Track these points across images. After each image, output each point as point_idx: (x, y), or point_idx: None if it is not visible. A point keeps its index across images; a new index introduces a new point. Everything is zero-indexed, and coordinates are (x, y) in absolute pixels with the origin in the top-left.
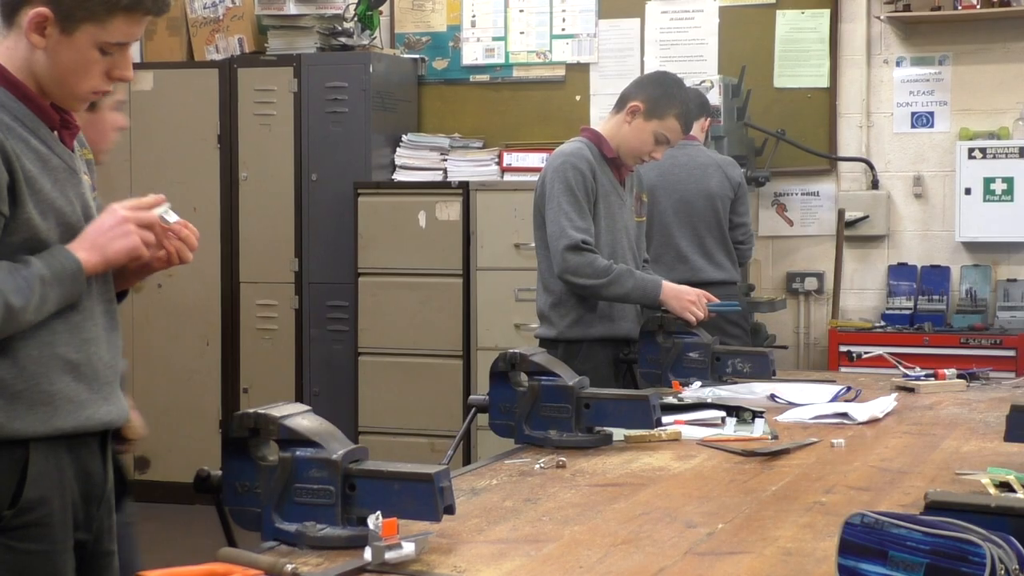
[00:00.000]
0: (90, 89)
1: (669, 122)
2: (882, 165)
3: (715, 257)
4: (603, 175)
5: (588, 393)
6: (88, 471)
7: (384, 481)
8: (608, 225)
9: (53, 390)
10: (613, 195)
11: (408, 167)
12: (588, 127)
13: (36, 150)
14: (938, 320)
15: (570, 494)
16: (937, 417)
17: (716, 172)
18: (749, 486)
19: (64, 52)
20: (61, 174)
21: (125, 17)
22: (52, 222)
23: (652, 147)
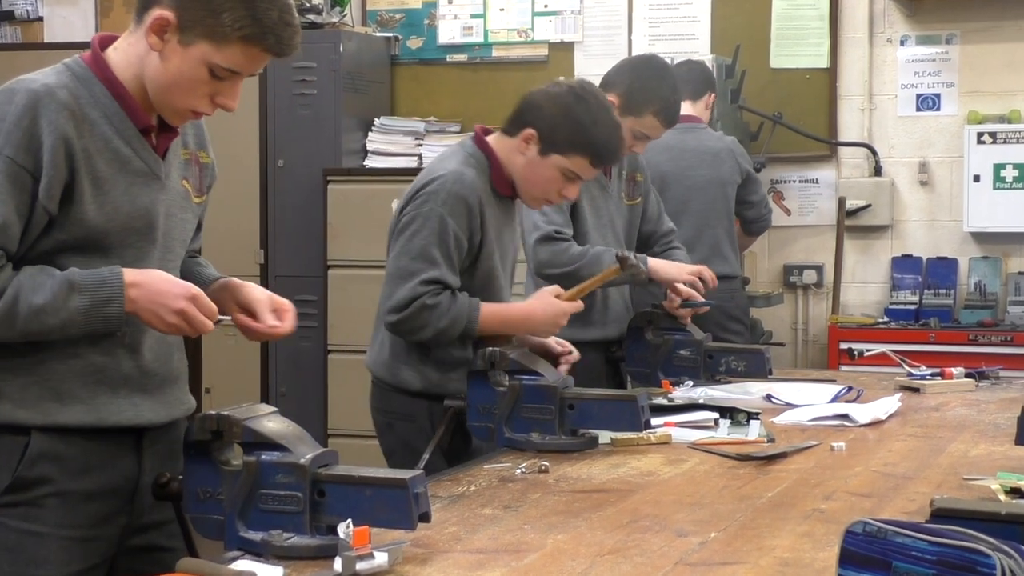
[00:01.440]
0: (189, 107)
1: (647, 120)
2: (885, 151)
3: (721, 249)
4: None
5: (572, 393)
6: (113, 466)
7: (355, 487)
8: (595, 222)
9: (63, 388)
10: (595, 187)
11: (381, 153)
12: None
13: (116, 150)
14: (945, 316)
15: (553, 501)
16: (944, 419)
17: (728, 158)
18: (744, 492)
19: (175, 61)
20: (140, 178)
21: (243, 47)
22: (118, 224)
23: (631, 143)
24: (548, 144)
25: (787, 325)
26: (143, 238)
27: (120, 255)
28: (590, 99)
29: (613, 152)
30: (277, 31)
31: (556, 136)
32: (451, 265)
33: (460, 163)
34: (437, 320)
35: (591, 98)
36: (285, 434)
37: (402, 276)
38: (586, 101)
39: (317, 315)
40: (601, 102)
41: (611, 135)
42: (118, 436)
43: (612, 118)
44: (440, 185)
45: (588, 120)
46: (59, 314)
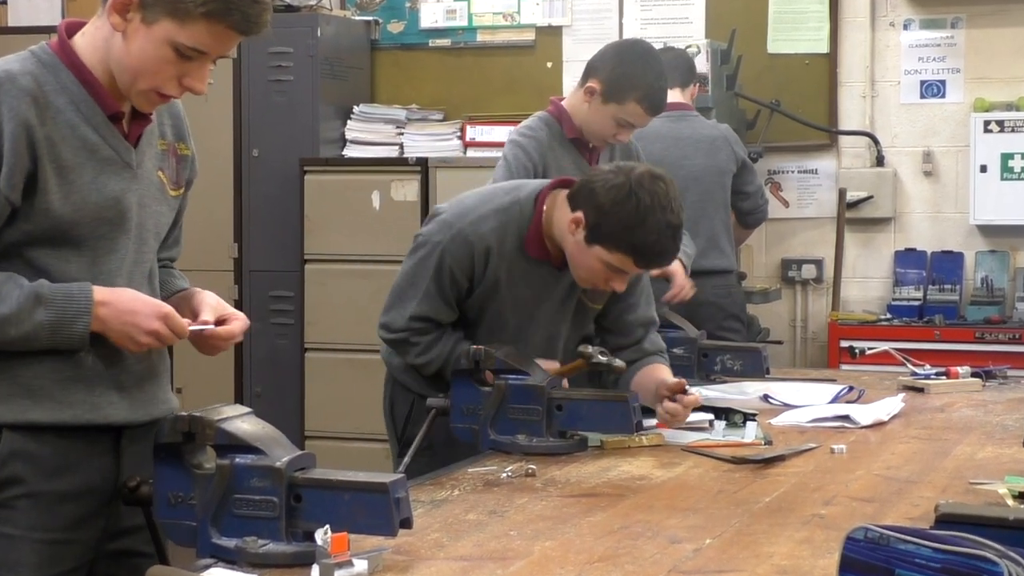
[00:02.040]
0: (155, 89)
1: (629, 107)
2: (888, 140)
3: (718, 241)
4: (563, 156)
5: (561, 394)
6: (90, 467)
7: (333, 491)
8: None
9: (35, 385)
10: (577, 175)
11: (360, 142)
12: (557, 99)
13: (84, 138)
14: (950, 312)
15: (541, 506)
16: (949, 420)
17: (724, 146)
18: (740, 497)
19: (138, 41)
20: (109, 166)
21: (207, 25)
22: (87, 214)
23: (615, 131)
24: (594, 234)
25: (785, 322)
26: (115, 228)
27: (92, 247)
28: (644, 195)
29: (660, 255)
30: (243, 7)
31: (601, 229)
32: (445, 300)
33: (493, 209)
34: (416, 356)
35: (646, 195)
36: (260, 436)
37: (400, 298)
38: (638, 197)
39: (294, 311)
40: (659, 199)
41: (660, 237)
42: (94, 435)
43: (665, 218)
44: (455, 219)
45: (636, 219)
46: (22, 326)
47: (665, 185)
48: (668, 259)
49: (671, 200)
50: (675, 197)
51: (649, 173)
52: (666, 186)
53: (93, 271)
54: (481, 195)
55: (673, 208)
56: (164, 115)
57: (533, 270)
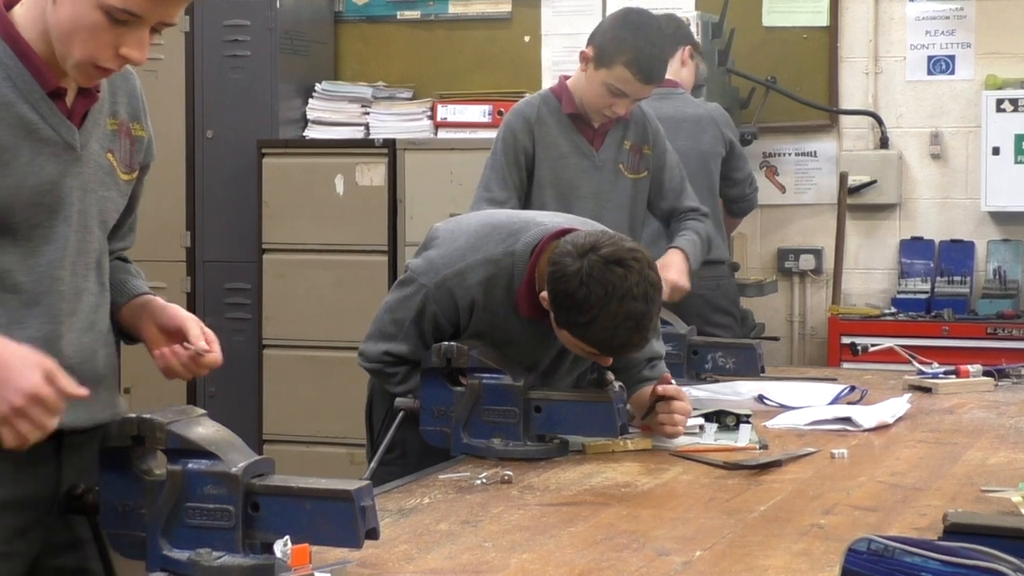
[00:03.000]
0: (90, 59)
1: (617, 71)
2: (892, 120)
3: None
4: (559, 134)
5: (539, 394)
6: (28, 474)
7: (294, 499)
8: (558, 193)
9: None
10: (573, 156)
11: (323, 122)
12: (565, 76)
13: (21, 116)
14: (960, 306)
15: (518, 515)
16: (959, 423)
17: (710, 127)
18: (733, 505)
19: (68, 6)
20: (48, 147)
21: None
22: (22, 199)
23: (608, 100)
24: (558, 320)
25: (782, 317)
26: (52, 216)
27: (28, 235)
28: (595, 287)
29: (621, 348)
30: None
31: (561, 317)
32: (424, 343)
33: (483, 259)
34: (396, 385)
35: (597, 286)
36: (215, 440)
37: (381, 331)
38: (589, 289)
39: (251, 305)
40: (614, 290)
41: (616, 331)
42: None
43: (622, 310)
44: (443, 263)
45: (587, 315)
46: None
47: (623, 270)
48: (636, 348)
49: (631, 287)
50: (637, 282)
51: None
52: (625, 270)
53: (31, 262)
54: (476, 234)
55: (634, 294)
56: (119, 92)
57: (525, 327)
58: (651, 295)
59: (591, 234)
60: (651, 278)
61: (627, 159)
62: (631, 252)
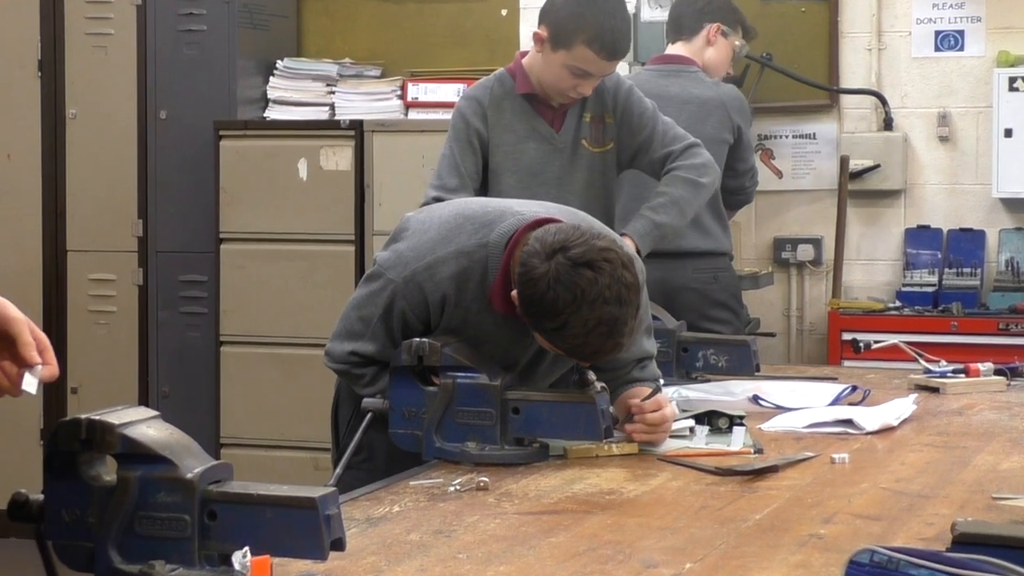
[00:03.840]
0: None
1: (578, 51)
2: (897, 100)
3: (700, 220)
4: (515, 117)
5: (517, 395)
6: None
7: (253, 507)
8: (518, 180)
9: None
10: (531, 140)
11: (285, 102)
12: (522, 53)
13: None
14: (970, 300)
15: (494, 524)
16: (968, 425)
17: (717, 111)
18: (726, 514)
19: None
20: None
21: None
22: None
23: (571, 82)
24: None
25: (778, 311)
26: None
27: None
28: (562, 292)
29: (594, 355)
30: None
31: (530, 321)
32: (393, 342)
33: (455, 251)
34: (364, 387)
35: (564, 291)
36: (168, 443)
37: (347, 330)
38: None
39: (207, 299)
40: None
41: (588, 338)
42: None
43: (593, 315)
44: (412, 256)
45: (555, 322)
46: None
47: (593, 272)
48: (610, 354)
49: (602, 291)
50: (609, 285)
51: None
52: (595, 273)
53: None
54: (448, 225)
55: (606, 298)
56: None
57: (500, 324)
58: (625, 297)
59: (561, 230)
60: (625, 279)
61: (589, 133)
62: (603, 252)
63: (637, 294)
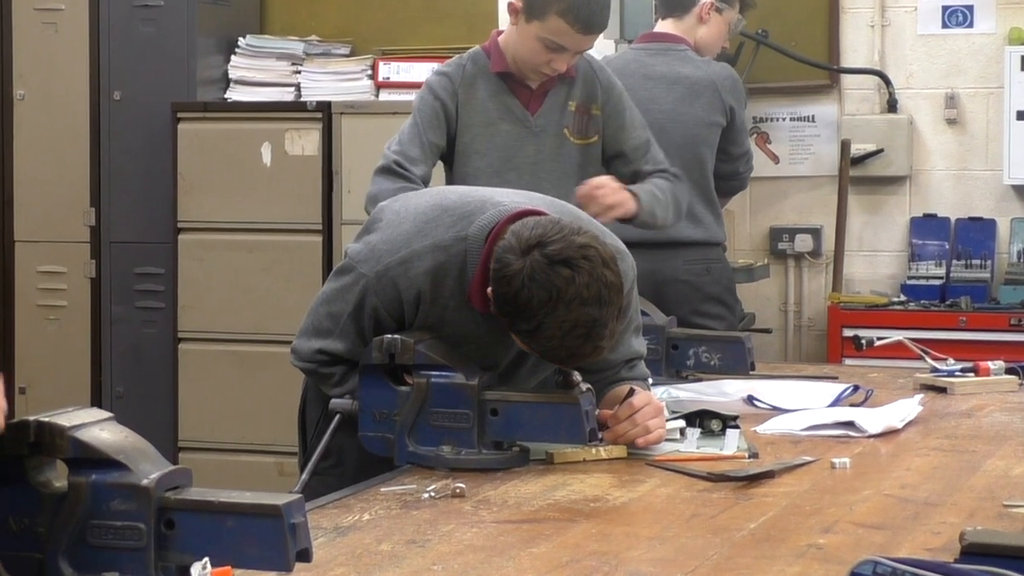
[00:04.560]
0: None
1: (551, 22)
2: (902, 79)
3: (692, 208)
4: (488, 97)
5: (496, 395)
6: None
7: (214, 516)
8: (488, 164)
9: None
10: (504, 122)
11: (247, 82)
12: (498, 31)
13: None
14: (979, 294)
15: (471, 534)
16: (978, 427)
17: (707, 91)
18: (719, 523)
19: None
20: None
21: None
22: None
23: (544, 56)
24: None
25: (774, 306)
26: None
27: None
28: (538, 291)
29: (570, 358)
30: None
31: (506, 322)
32: (364, 340)
33: (431, 245)
34: (333, 387)
35: (540, 290)
36: (123, 447)
37: (315, 327)
38: (530, 292)
39: (164, 293)
40: (560, 294)
41: (564, 340)
42: None
43: (570, 316)
44: (385, 249)
45: (530, 323)
46: None
47: (571, 271)
48: (588, 358)
49: (579, 290)
50: (587, 284)
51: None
52: (572, 272)
53: None
54: (424, 217)
55: (584, 298)
56: None
57: (480, 323)
58: (605, 298)
59: (539, 224)
60: (605, 278)
61: (572, 122)
62: (582, 249)
63: (619, 294)
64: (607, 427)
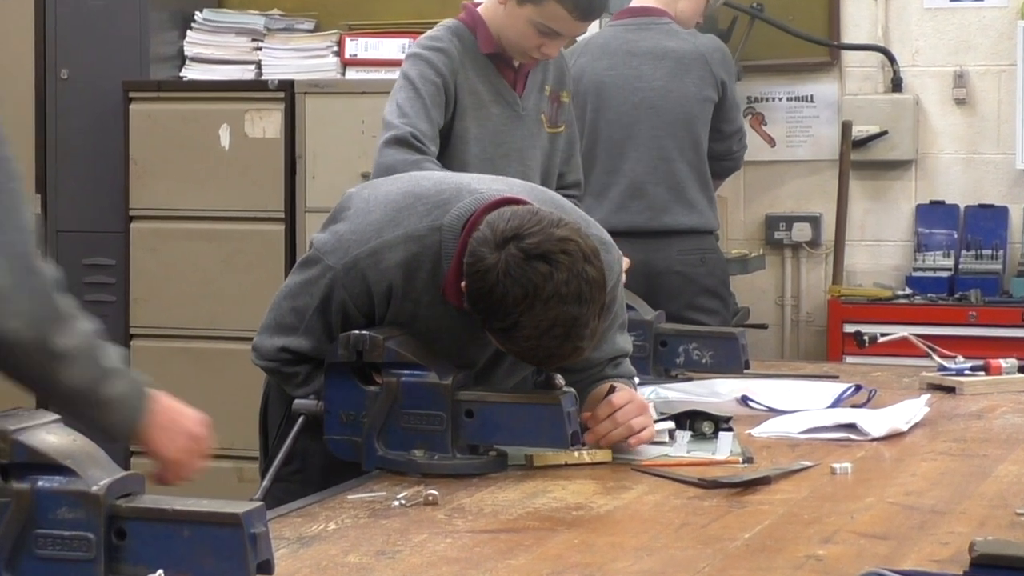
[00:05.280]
0: None
1: (548, 7)
2: (907, 56)
3: (685, 192)
4: (478, 77)
5: (471, 395)
6: None
7: (168, 525)
8: (483, 149)
9: None
10: (495, 105)
11: (204, 60)
12: (471, 3)
13: None
14: (990, 286)
15: (445, 544)
16: (989, 430)
17: (697, 66)
18: (711, 533)
19: None
20: None
21: None
22: None
23: (535, 40)
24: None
25: (770, 300)
26: None
27: None
28: (513, 288)
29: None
30: None
31: (480, 319)
32: (330, 337)
33: (404, 235)
34: (293, 388)
35: (515, 286)
36: (71, 452)
37: (277, 322)
38: (505, 288)
39: (116, 285)
40: (536, 291)
41: (541, 340)
42: None
43: (548, 315)
44: (353, 240)
45: (505, 321)
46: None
47: (548, 266)
48: (568, 359)
49: (558, 287)
50: (566, 280)
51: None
52: (550, 267)
53: None
54: (396, 205)
55: (563, 295)
56: None
57: (455, 319)
58: (586, 295)
59: (516, 215)
60: (587, 274)
61: (547, 108)
62: (561, 243)
63: (601, 290)
64: (588, 429)
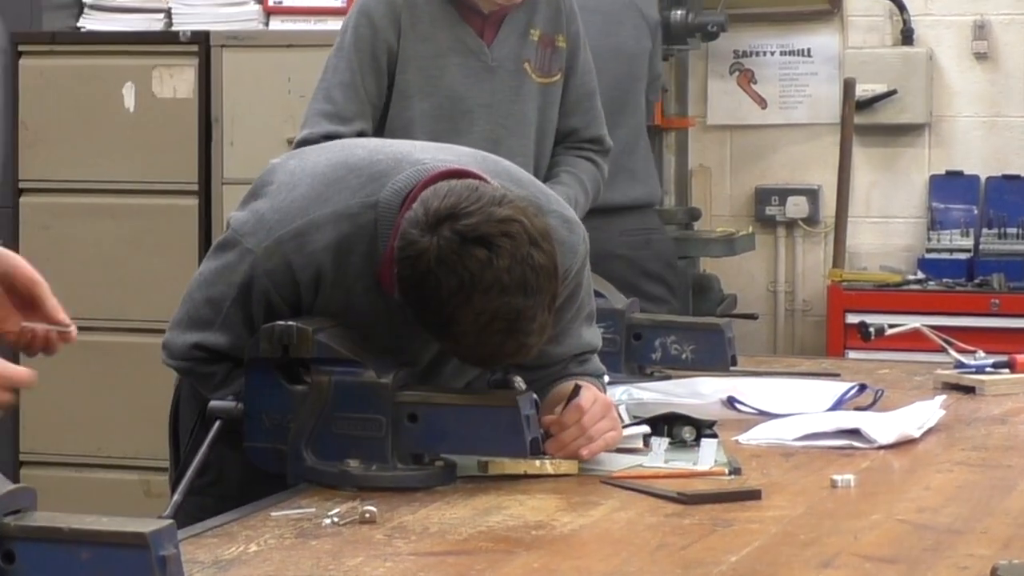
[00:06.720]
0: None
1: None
2: (920, 4)
3: (628, 161)
4: (434, 24)
5: (414, 396)
6: None
7: (64, 546)
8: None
9: None
10: (454, 55)
11: (105, 8)
12: None
13: None
14: (1014, 269)
15: (384, 568)
16: (1014, 437)
17: (629, 15)
18: (691, 555)
19: None
20: None
21: None
22: None
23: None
24: None
25: (761, 286)
26: None
27: None
28: (449, 279)
29: (491, 359)
30: None
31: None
32: (250, 330)
33: (333, 213)
34: (210, 390)
35: (451, 277)
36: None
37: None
38: (439, 280)
39: None
40: (475, 282)
41: (480, 337)
42: None
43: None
44: (276, 219)
45: (440, 316)
46: None
47: (487, 252)
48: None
49: (499, 275)
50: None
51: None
52: (490, 253)
53: None
54: (325, 178)
55: (504, 284)
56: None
57: (394, 310)
58: (533, 284)
59: (453, 192)
60: (532, 260)
61: (535, 55)
62: (503, 224)
63: (551, 279)
64: (551, 435)
